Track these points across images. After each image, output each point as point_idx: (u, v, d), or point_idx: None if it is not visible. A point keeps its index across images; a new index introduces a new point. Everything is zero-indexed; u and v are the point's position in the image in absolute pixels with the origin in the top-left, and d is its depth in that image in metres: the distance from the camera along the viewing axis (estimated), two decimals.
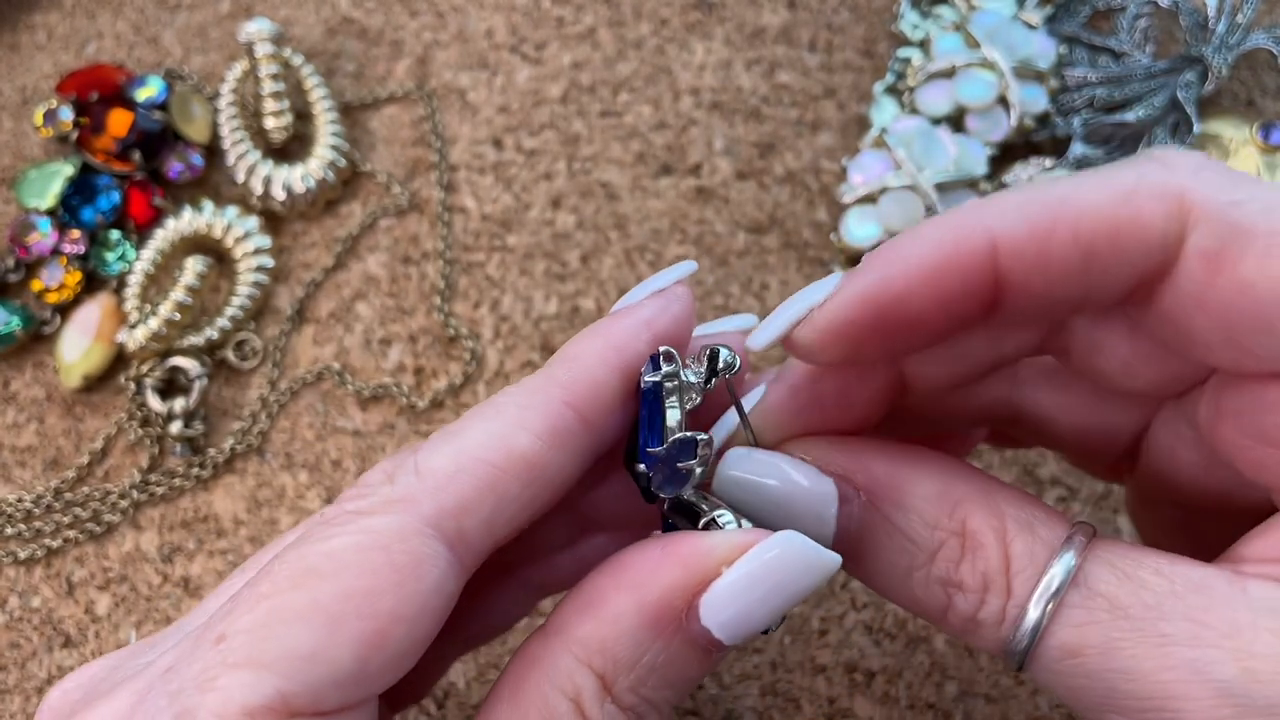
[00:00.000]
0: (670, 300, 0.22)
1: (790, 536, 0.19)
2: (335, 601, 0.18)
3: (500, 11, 0.47)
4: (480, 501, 0.20)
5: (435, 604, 0.19)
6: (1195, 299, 0.17)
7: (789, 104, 0.44)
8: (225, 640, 0.18)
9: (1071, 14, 0.45)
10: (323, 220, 0.43)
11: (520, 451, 0.20)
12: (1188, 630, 0.17)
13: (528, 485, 0.20)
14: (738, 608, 0.19)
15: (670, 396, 0.21)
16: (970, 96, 0.42)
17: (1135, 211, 0.17)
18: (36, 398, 0.40)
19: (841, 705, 0.34)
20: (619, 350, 0.21)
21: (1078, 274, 0.17)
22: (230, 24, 0.47)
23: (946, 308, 0.18)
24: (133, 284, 0.40)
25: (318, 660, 0.18)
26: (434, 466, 0.20)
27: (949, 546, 0.19)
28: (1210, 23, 0.42)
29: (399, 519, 0.19)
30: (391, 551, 0.19)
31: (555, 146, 0.44)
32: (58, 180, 0.42)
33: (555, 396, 0.21)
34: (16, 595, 0.37)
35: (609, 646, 0.19)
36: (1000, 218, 0.18)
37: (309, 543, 0.19)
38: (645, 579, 0.19)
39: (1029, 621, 0.18)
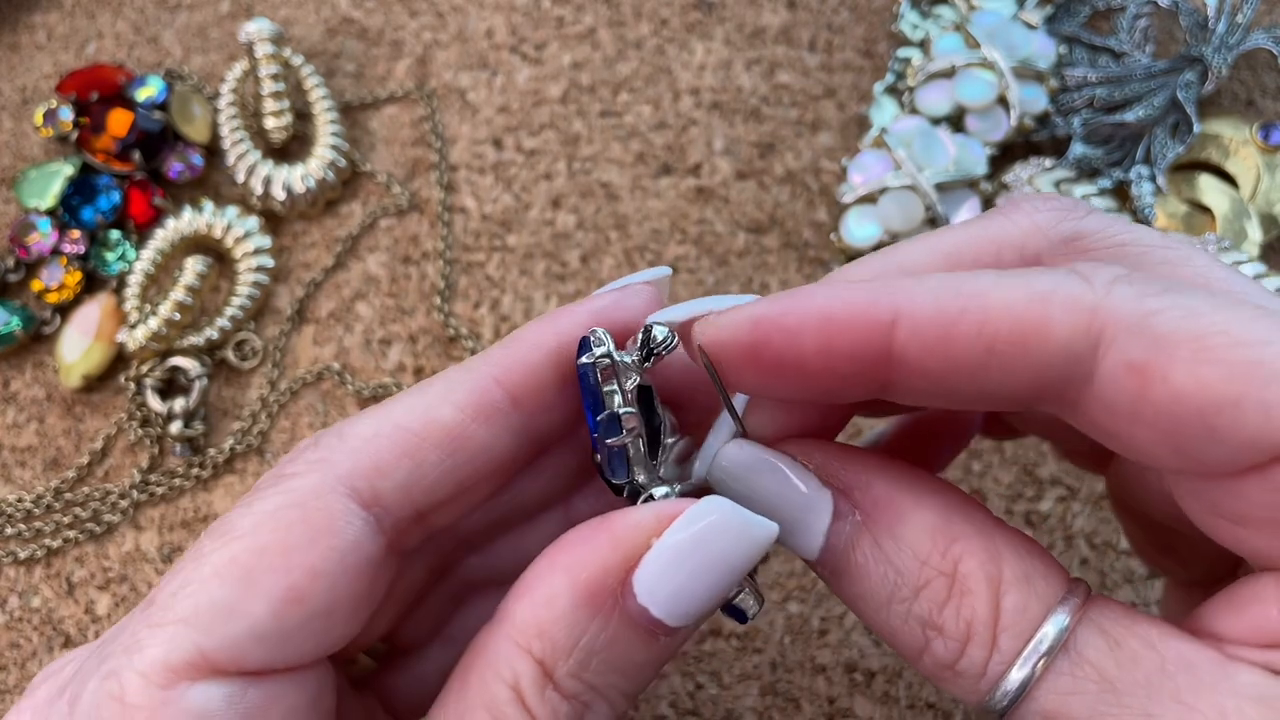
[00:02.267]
0: (628, 295, 0.22)
1: (716, 502, 0.19)
2: (249, 555, 0.19)
3: (500, 11, 0.47)
4: (395, 465, 0.20)
5: (354, 561, 0.19)
6: (1130, 413, 0.16)
7: (789, 104, 0.44)
8: (153, 604, 0.19)
9: (1071, 14, 0.45)
10: (323, 220, 0.43)
11: (440, 421, 0.21)
12: (1175, 713, 0.16)
13: (448, 455, 0.21)
14: (671, 582, 0.18)
15: (608, 380, 0.20)
16: (970, 96, 0.42)
17: (1044, 317, 0.16)
18: (37, 398, 0.40)
19: (841, 705, 0.34)
20: (558, 334, 0.22)
21: (978, 369, 0.17)
22: (230, 24, 0.47)
23: (831, 364, 0.18)
24: (133, 284, 0.40)
25: (234, 614, 0.18)
26: (356, 430, 0.21)
27: (934, 586, 0.18)
28: (1210, 23, 0.42)
29: (318, 479, 0.20)
30: (306, 509, 0.19)
31: (555, 146, 0.44)
32: (58, 180, 0.42)
33: (485, 374, 0.21)
34: (16, 595, 0.37)
35: (546, 629, 0.19)
36: (909, 296, 0.17)
37: (237, 507, 0.20)
38: (577, 558, 0.19)
39: (1012, 682, 0.17)
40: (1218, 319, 0.16)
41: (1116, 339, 0.16)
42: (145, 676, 0.18)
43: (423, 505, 0.21)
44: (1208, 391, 0.16)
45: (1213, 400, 0.16)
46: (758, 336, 0.18)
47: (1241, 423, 0.15)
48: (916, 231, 0.39)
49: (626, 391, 0.20)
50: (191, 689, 0.18)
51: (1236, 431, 0.16)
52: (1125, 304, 0.16)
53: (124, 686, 0.18)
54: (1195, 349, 0.16)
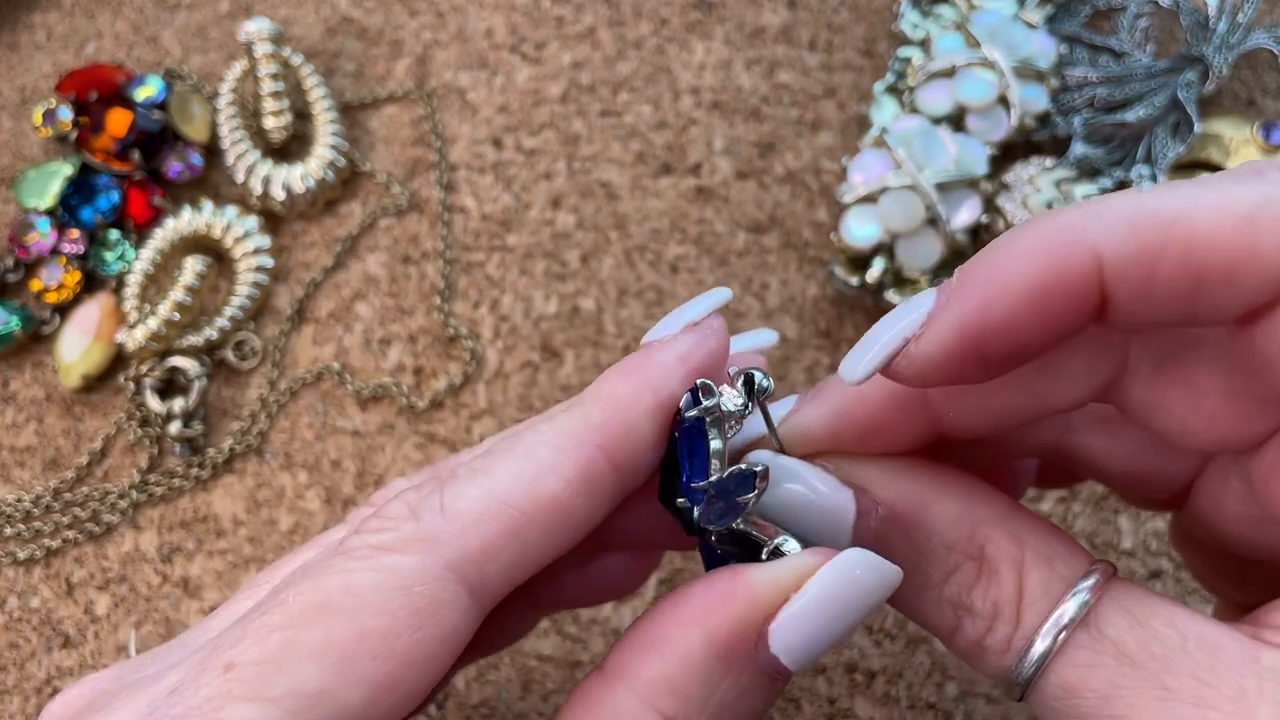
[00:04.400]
0: (705, 334, 0.22)
1: (856, 555, 0.18)
2: (350, 641, 0.18)
3: (500, 11, 0.47)
4: (505, 547, 0.19)
5: (450, 647, 0.19)
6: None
7: (789, 103, 0.44)
8: (234, 669, 0.18)
9: (1072, 13, 0.45)
10: (322, 220, 0.43)
11: (549, 498, 0.20)
12: (1191, 689, 0.16)
13: (553, 533, 0.20)
14: (807, 632, 0.18)
15: (713, 429, 0.20)
16: (970, 96, 0.42)
17: (1253, 241, 0.16)
18: (36, 398, 0.40)
19: (842, 705, 0.34)
20: (655, 391, 0.21)
21: (1183, 299, 0.16)
22: (230, 23, 0.47)
23: (1050, 330, 0.17)
24: (132, 284, 0.40)
25: (326, 700, 0.17)
26: (460, 508, 0.19)
27: (964, 571, 0.19)
28: (1211, 22, 0.42)
29: (422, 560, 0.19)
30: (412, 593, 0.18)
31: (555, 146, 0.44)
32: (57, 180, 0.42)
33: (589, 440, 0.20)
34: (16, 596, 0.37)
35: (679, 686, 0.18)
36: (1106, 233, 0.16)
37: (327, 574, 0.19)
38: (713, 613, 0.19)
39: (1033, 654, 0.18)
40: None
41: None
42: None
43: (521, 580, 0.20)
44: None
45: None
46: (969, 344, 0.17)
47: None
48: (917, 231, 0.39)
49: (727, 442, 0.20)
50: None
51: None
52: None
53: None
54: None
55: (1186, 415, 0.19)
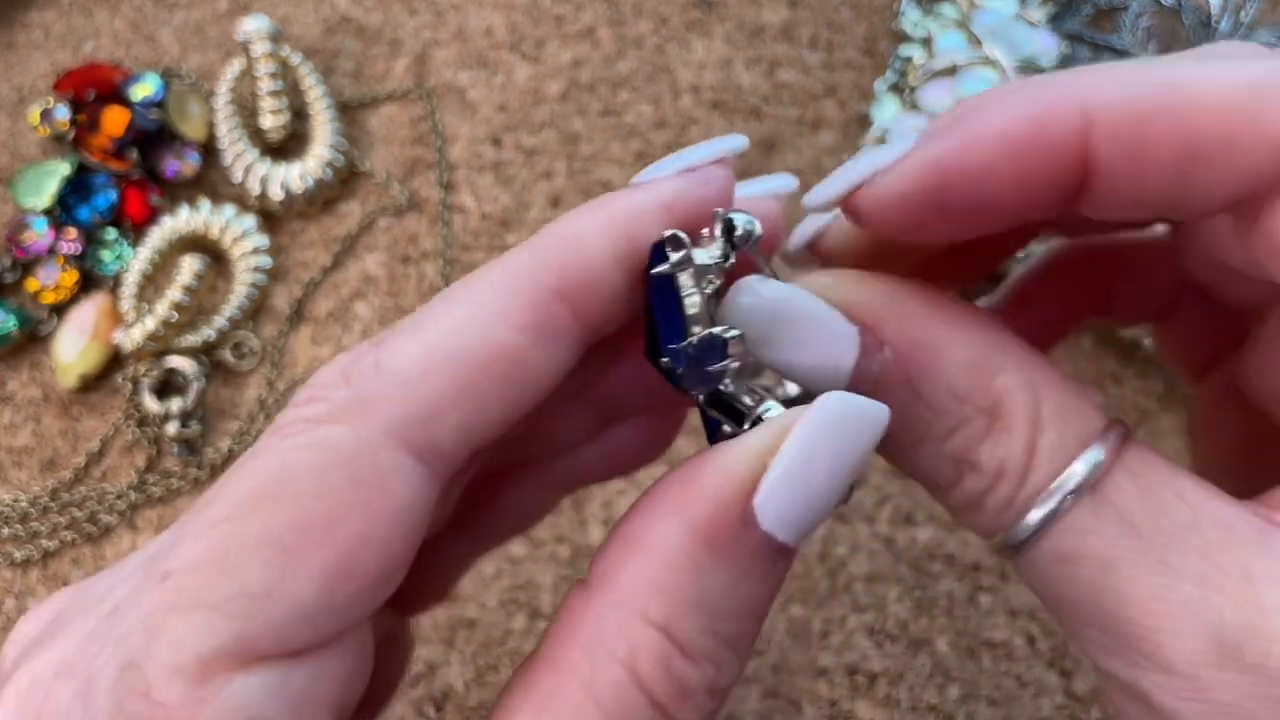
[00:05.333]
0: (700, 181, 0.19)
1: (830, 402, 0.16)
2: (290, 530, 0.16)
3: (499, 10, 0.47)
4: (453, 406, 0.17)
5: (408, 522, 0.17)
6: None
7: (789, 102, 0.44)
8: (171, 577, 0.16)
9: (1074, 12, 0.45)
10: (321, 219, 0.43)
11: (499, 347, 0.17)
12: (1196, 566, 0.15)
13: (509, 386, 0.17)
14: (795, 497, 0.16)
15: (686, 286, 0.18)
16: (972, 95, 0.41)
17: (1256, 116, 0.14)
18: (33, 398, 0.40)
19: (843, 708, 0.34)
20: (627, 237, 0.18)
21: (1175, 172, 0.15)
22: (228, 22, 0.47)
23: (1026, 189, 0.16)
24: (129, 284, 0.40)
25: (276, 597, 0.16)
26: (398, 367, 0.17)
27: (973, 424, 0.17)
28: (1213, 21, 0.42)
29: (357, 428, 0.17)
30: (352, 468, 0.16)
31: (555, 145, 0.44)
32: (54, 179, 0.42)
33: (544, 283, 0.18)
34: (13, 597, 0.36)
35: (665, 586, 0.16)
36: (1099, 91, 0.15)
37: (259, 458, 0.17)
38: (690, 498, 0.17)
39: (1033, 517, 0.17)
40: None
41: None
42: (177, 670, 0.15)
43: (480, 443, 0.18)
44: None
45: None
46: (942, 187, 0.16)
47: None
48: None
49: (707, 298, 0.18)
50: (230, 683, 0.16)
51: None
52: None
53: (150, 681, 0.15)
54: None
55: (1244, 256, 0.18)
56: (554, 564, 0.35)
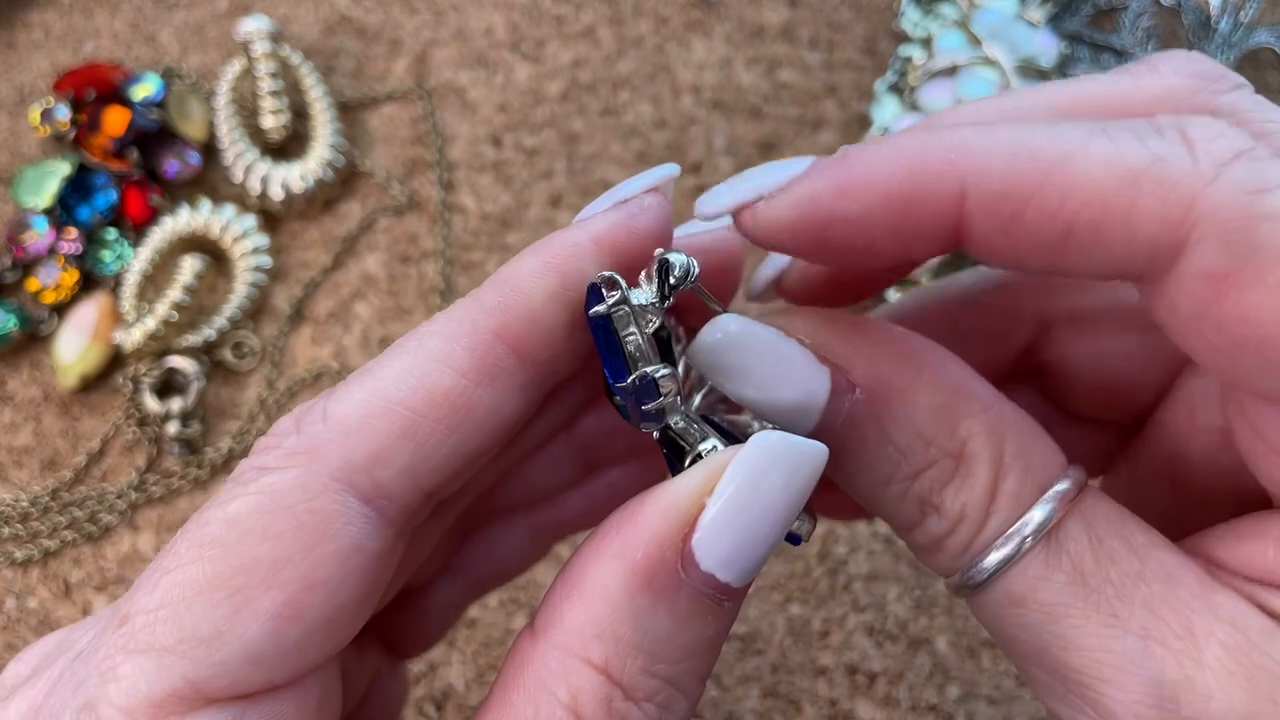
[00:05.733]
0: (633, 213, 0.19)
1: (765, 441, 0.16)
2: (237, 574, 0.16)
3: (499, 10, 0.47)
4: (396, 450, 0.17)
5: (356, 564, 0.17)
6: (1193, 319, 0.15)
7: (790, 102, 0.44)
8: (127, 622, 0.17)
9: (1074, 12, 0.45)
10: (321, 219, 0.43)
11: (442, 392, 0.18)
12: (1141, 618, 0.16)
13: (453, 429, 0.18)
14: (733, 537, 0.16)
15: (624, 326, 0.18)
16: (972, 94, 0.41)
17: (1130, 206, 0.15)
18: (33, 398, 0.40)
19: (843, 707, 0.34)
20: (562, 275, 0.18)
21: (1050, 248, 0.16)
22: (228, 22, 0.47)
23: (899, 238, 0.16)
24: (129, 284, 0.40)
25: (225, 640, 0.16)
26: (343, 413, 0.17)
27: (939, 467, 0.17)
28: (1213, 21, 0.42)
29: (302, 473, 0.17)
30: (296, 512, 0.17)
31: (555, 145, 0.44)
32: (54, 179, 0.42)
33: (483, 326, 0.18)
34: (14, 596, 0.36)
35: (606, 629, 0.16)
36: (979, 164, 0.15)
37: (213, 507, 0.17)
38: (625, 542, 0.17)
39: (989, 561, 0.17)
40: None
41: (1204, 241, 0.14)
42: (127, 712, 0.16)
43: (429, 486, 0.18)
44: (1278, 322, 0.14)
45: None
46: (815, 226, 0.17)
47: None
48: None
49: (648, 337, 0.18)
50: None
51: None
52: (1230, 200, 0.14)
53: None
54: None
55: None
56: (554, 564, 0.35)
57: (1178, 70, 0.18)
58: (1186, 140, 0.15)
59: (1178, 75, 0.18)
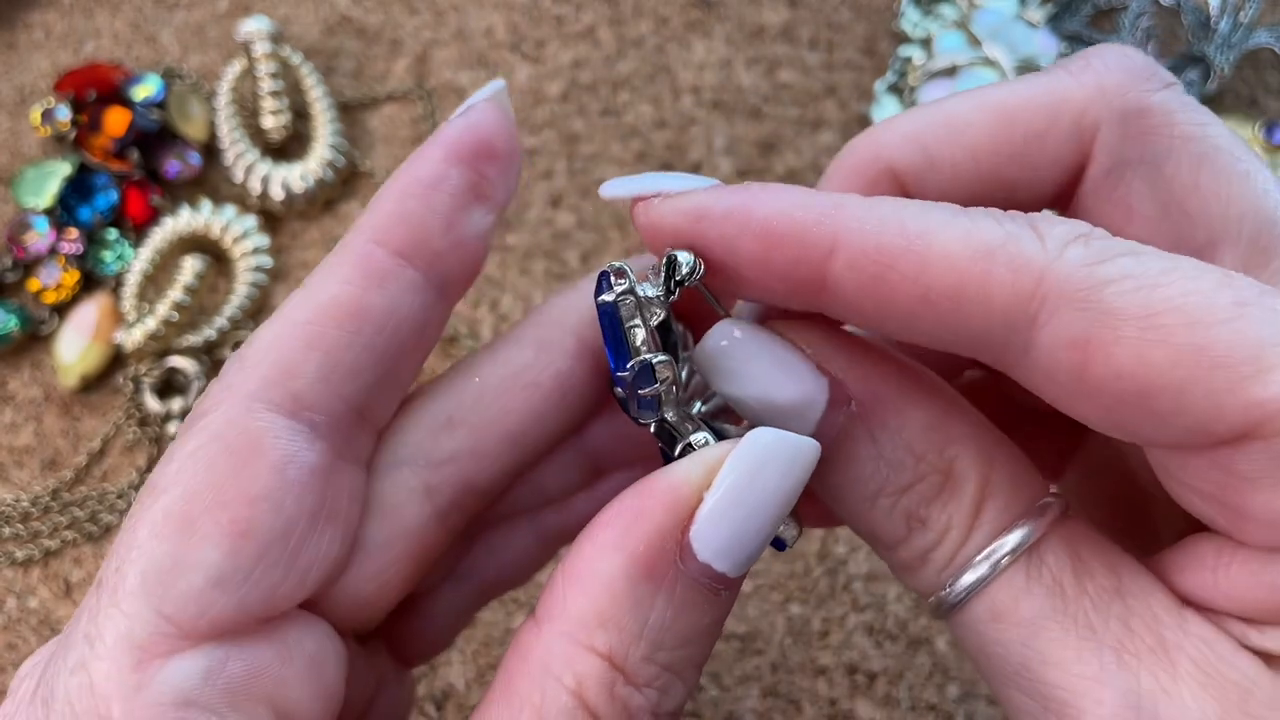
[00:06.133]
0: (474, 118, 0.22)
1: (761, 436, 0.17)
2: (181, 504, 0.17)
3: (500, 10, 0.47)
4: (303, 360, 0.19)
5: (294, 474, 0.18)
6: (1070, 387, 0.16)
7: (790, 102, 0.44)
8: (102, 584, 0.18)
9: (1073, 12, 0.45)
10: (321, 219, 0.43)
11: (330, 299, 0.19)
12: (1117, 634, 0.16)
13: (354, 332, 0.19)
14: (730, 529, 0.17)
15: (630, 317, 0.19)
16: None
17: (984, 276, 0.16)
18: (34, 398, 0.40)
19: (843, 707, 0.34)
20: (421, 181, 0.21)
21: (912, 315, 0.17)
22: (228, 22, 0.47)
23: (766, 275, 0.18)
24: (130, 284, 0.40)
25: (184, 568, 0.17)
26: (253, 349, 0.19)
27: (928, 483, 0.18)
28: (1213, 21, 0.42)
29: (227, 406, 0.18)
30: (225, 439, 0.18)
31: (555, 145, 0.44)
32: (55, 179, 0.42)
33: (360, 239, 0.20)
34: (14, 596, 0.37)
35: (609, 618, 0.17)
36: (854, 224, 0.17)
37: (160, 463, 0.19)
38: (627, 531, 0.17)
39: (970, 577, 0.17)
40: (1174, 292, 0.15)
41: (1059, 310, 0.15)
42: (113, 661, 0.17)
43: (352, 395, 0.20)
44: (1151, 373, 0.15)
45: (1156, 383, 0.15)
46: (696, 234, 0.18)
47: (1185, 408, 0.15)
48: None
49: (651, 329, 0.18)
50: (165, 667, 0.17)
51: (1180, 417, 0.15)
52: (1075, 272, 0.15)
53: (93, 676, 0.17)
54: (1143, 327, 0.15)
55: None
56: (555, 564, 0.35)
57: (1111, 67, 0.19)
58: (1034, 227, 0.16)
59: (1111, 72, 0.19)
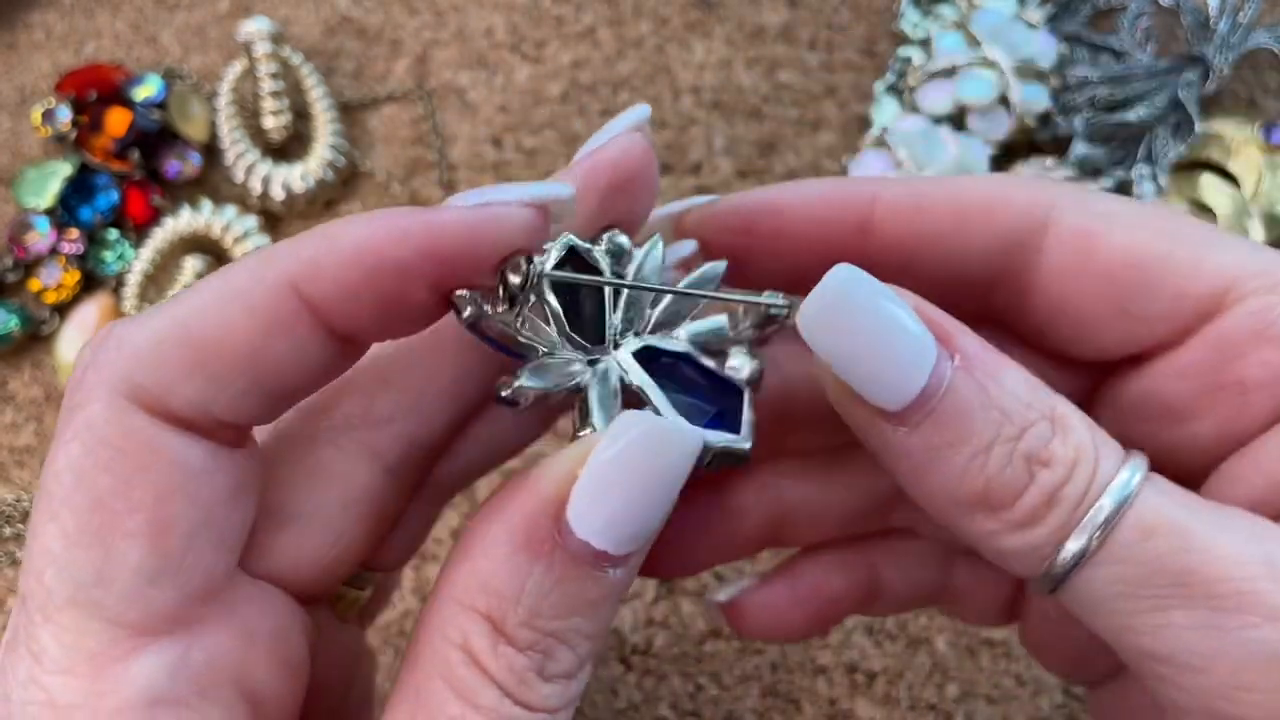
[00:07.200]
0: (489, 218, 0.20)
1: (631, 418, 0.18)
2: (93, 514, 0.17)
3: (500, 10, 0.47)
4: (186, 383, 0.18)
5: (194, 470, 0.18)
6: (1077, 270, 0.20)
7: (789, 103, 0.44)
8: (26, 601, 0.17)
9: (1073, 13, 0.45)
10: (322, 219, 0.43)
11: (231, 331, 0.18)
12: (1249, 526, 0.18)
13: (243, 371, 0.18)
14: (605, 509, 0.18)
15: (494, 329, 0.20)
16: (971, 95, 0.42)
17: (1004, 192, 0.21)
18: (35, 398, 0.40)
19: (842, 706, 0.34)
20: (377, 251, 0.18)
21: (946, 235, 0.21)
22: (229, 23, 0.47)
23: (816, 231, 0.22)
24: (131, 284, 0.40)
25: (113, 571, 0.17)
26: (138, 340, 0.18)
27: (1042, 425, 0.18)
28: (1212, 22, 0.42)
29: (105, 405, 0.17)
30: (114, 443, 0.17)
31: (555, 146, 0.44)
32: (56, 180, 0.42)
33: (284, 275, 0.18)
34: (16, 596, 0.37)
35: (490, 583, 0.18)
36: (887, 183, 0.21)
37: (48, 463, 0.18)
38: (506, 506, 0.18)
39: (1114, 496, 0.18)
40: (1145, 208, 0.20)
41: (1065, 210, 0.20)
42: (68, 674, 0.17)
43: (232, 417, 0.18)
44: (1143, 248, 0.20)
45: (1149, 254, 0.19)
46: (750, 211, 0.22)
47: (1172, 271, 0.19)
48: None
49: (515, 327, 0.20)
50: (127, 670, 0.17)
51: (1167, 280, 0.19)
52: (1070, 190, 0.21)
53: (50, 692, 0.17)
54: (1130, 220, 0.20)
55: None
56: None
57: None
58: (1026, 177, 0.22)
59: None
